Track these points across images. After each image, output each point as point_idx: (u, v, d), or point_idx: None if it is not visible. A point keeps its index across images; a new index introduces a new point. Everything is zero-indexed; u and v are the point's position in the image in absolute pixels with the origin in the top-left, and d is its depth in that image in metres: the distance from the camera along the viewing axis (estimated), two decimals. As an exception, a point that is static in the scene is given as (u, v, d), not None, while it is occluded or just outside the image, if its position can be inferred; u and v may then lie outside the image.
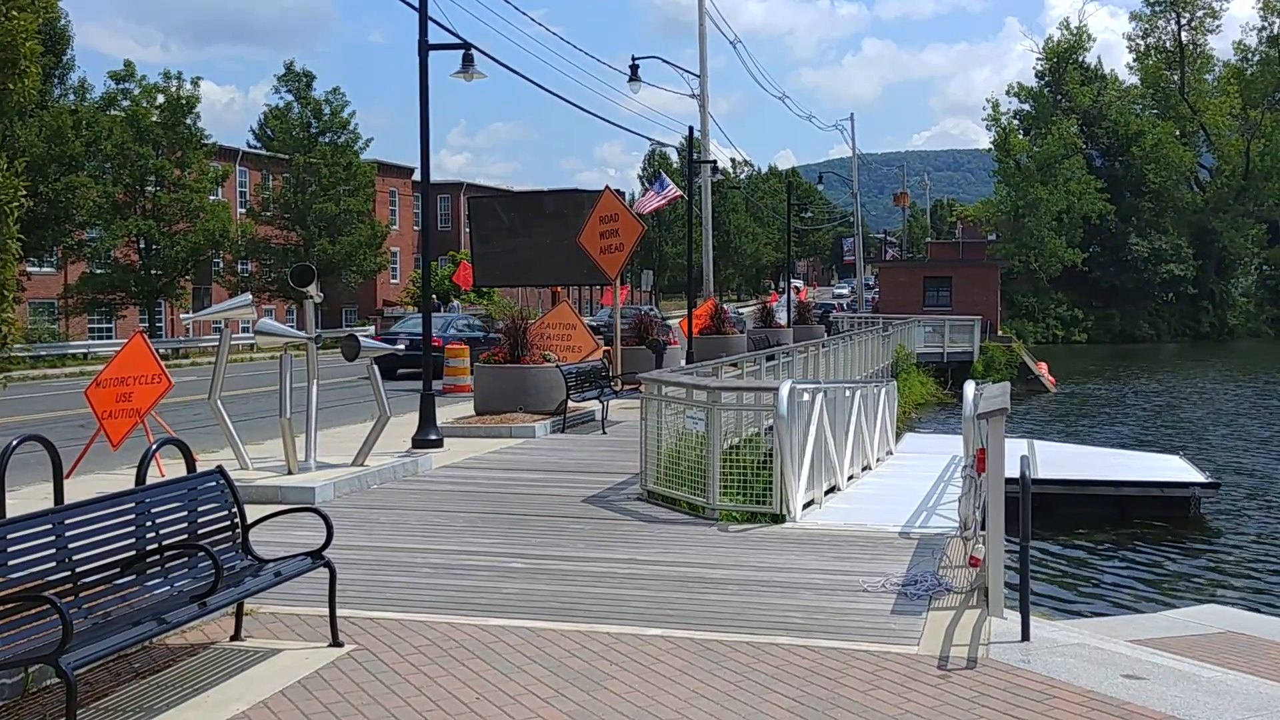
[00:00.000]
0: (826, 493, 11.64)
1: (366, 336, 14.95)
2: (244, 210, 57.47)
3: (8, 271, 10.46)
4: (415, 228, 75.35)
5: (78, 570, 5.69)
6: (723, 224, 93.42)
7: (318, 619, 7.00)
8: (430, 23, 15.47)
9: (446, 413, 18.21)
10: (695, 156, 35.32)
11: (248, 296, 14.41)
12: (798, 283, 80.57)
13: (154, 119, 44.87)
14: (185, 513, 6.49)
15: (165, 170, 45.12)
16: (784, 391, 10.29)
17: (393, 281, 73.73)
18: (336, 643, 6.62)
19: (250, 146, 63.59)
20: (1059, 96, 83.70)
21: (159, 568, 6.23)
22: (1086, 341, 76.94)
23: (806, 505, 10.78)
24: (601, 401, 17.77)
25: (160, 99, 45.39)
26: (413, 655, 6.48)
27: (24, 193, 10.33)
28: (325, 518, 6.72)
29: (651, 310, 41.77)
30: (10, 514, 7.13)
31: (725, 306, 37.32)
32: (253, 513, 6.98)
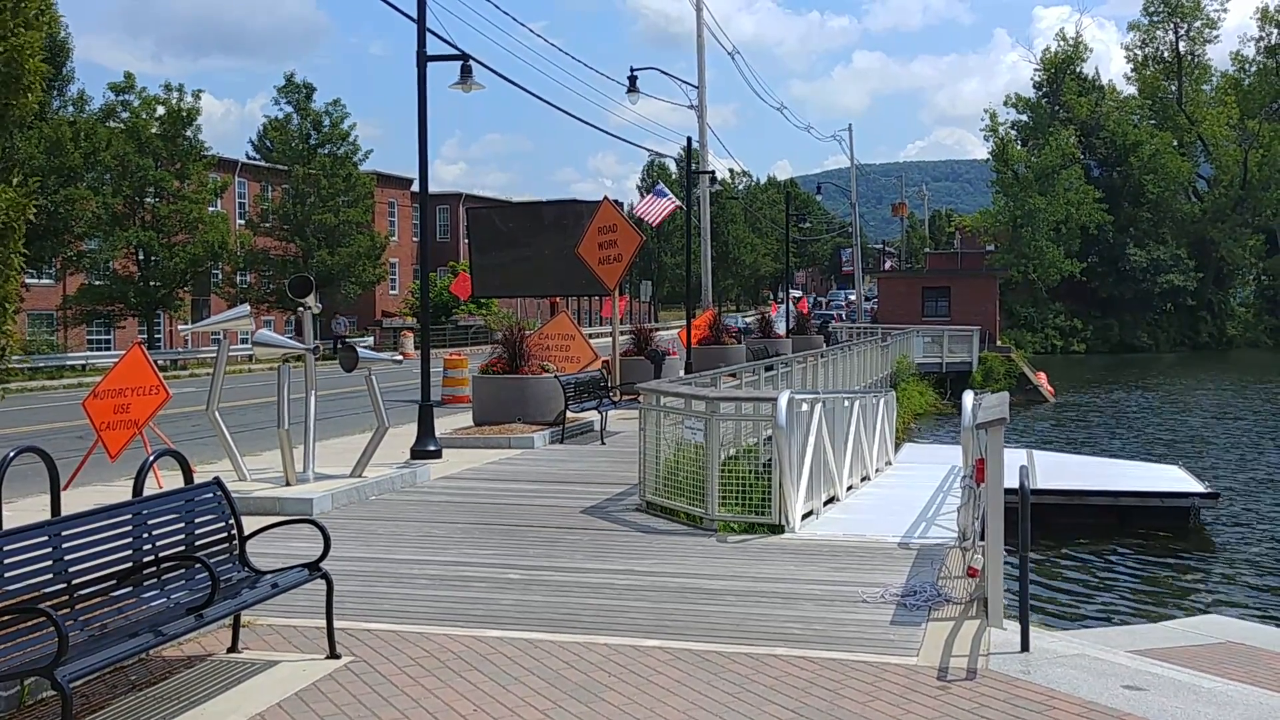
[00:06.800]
0: (825, 503, 11.63)
1: (364, 347, 14.95)
2: (243, 221, 57.51)
3: (10, 285, 10.46)
4: (414, 239, 75.39)
5: (74, 582, 5.68)
6: (721, 235, 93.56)
7: (315, 630, 6.98)
8: (428, 34, 15.53)
9: (445, 423, 18.20)
10: (694, 167, 35.35)
11: (246, 308, 14.40)
12: (797, 293, 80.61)
13: (154, 131, 44.89)
14: (182, 524, 6.47)
15: (165, 182, 45.14)
16: (782, 402, 10.28)
17: (392, 292, 73.81)
18: (334, 654, 6.60)
19: (249, 158, 63.71)
20: (1056, 107, 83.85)
21: (156, 579, 6.21)
22: (1085, 352, 76.91)
23: (805, 516, 10.77)
24: (600, 412, 17.75)
25: (160, 110, 45.42)
26: (410, 667, 6.46)
27: (33, 210, 10.33)
28: (323, 529, 6.71)
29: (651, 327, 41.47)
30: (7, 525, 7.11)
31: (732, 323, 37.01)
32: (250, 524, 6.96)
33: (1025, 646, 6.77)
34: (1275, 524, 19.77)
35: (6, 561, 5.29)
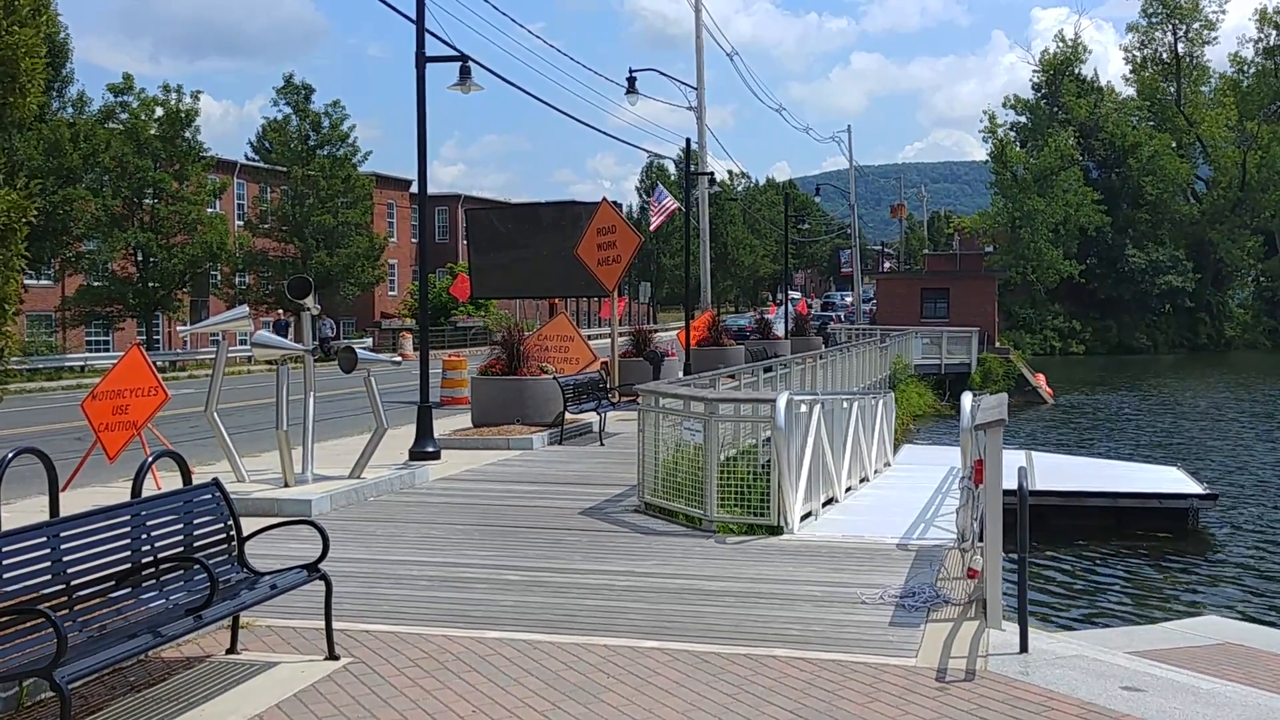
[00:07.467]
0: (824, 504, 11.63)
1: (364, 349, 14.95)
2: (242, 223, 57.49)
3: (10, 287, 10.47)
4: (413, 240, 75.38)
5: (73, 583, 5.67)
6: (720, 236, 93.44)
7: (314, 632, 6.98)
8: (427, 34, 15.53)
9: (444, 425, 18.20)
10: (693, 169, 35.34)
11: (245, 309, 14.40)
12: (796, 294, 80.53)
13: (152, 132, 44.88)
14: (181, 525, 6.47)
15: (163, 183, 45.12)
16: (781, 403, 10.28)
17: (390, 294, 73.76)
18: (332, 655, 6.60)
19: (248, 159, 63.68)
20: (1055, 108, 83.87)
21: (154, 581, 6.21)
22: (1084, 353, 76.92)
23: (804, 517, 10.77)
24: (599, 413, 17.75)
25: (159, 112, 45.41)
26: (409, 668, 6.46)
27: (34, 212, 10.33)
28: (321, 530, 6.71)
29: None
30: (6, 527, 7.11)
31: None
32: (249, 525, 6.96)
33: (1024, 647, 6.77)
34: (1273, 525, 19.78)
35: (5, 563, 5.29)
